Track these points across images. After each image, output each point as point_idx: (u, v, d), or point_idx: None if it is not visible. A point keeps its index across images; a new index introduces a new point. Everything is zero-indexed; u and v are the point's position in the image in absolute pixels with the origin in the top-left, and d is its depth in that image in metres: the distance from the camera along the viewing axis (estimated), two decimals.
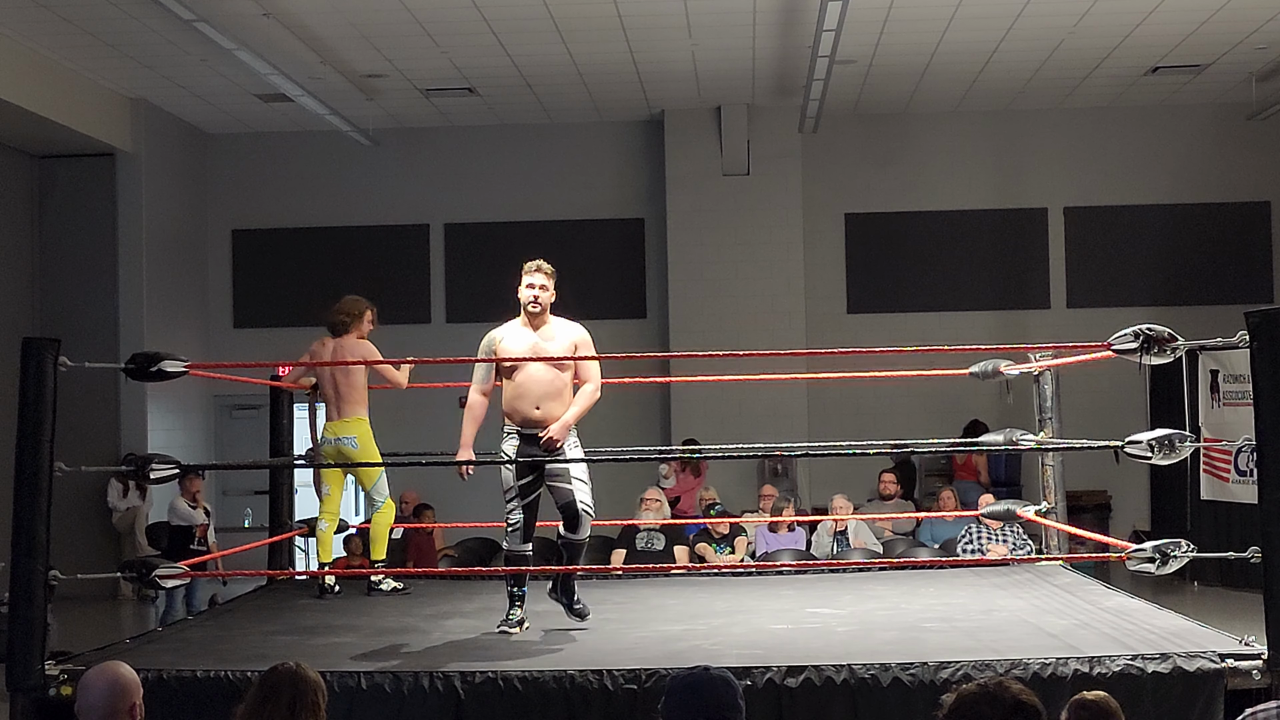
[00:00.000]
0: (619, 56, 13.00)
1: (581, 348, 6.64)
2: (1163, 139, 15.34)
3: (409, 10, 11.45)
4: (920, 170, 15.47)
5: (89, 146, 13.90)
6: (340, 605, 7.62)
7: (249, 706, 3.75)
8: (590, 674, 5.39)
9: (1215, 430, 12.06)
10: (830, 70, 12.20)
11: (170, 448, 12.11)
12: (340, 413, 8.02)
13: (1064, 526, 8.38)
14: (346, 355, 7.97)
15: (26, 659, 5.60)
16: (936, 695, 4.35)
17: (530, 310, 6.65)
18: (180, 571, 6.62)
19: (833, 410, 14.67)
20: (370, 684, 5.41)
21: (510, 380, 6.59)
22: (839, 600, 7.35)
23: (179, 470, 6.81)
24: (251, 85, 13.52)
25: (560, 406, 6.54)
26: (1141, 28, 12.31)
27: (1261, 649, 5.43)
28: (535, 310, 6.64)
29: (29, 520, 5.72)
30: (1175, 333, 6.09)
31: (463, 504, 13.35)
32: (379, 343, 8.47)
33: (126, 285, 14.22)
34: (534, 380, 6.54)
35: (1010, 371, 8.25)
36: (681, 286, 14.98)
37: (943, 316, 15.18)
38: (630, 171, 15.64)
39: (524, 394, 6.54)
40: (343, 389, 8.04)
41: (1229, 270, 15.08)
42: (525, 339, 6.63)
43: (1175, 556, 5.94)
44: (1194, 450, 8.54)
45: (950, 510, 10.90)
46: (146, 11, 11.19)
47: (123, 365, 6.61)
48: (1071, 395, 9.85)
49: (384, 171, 15.69)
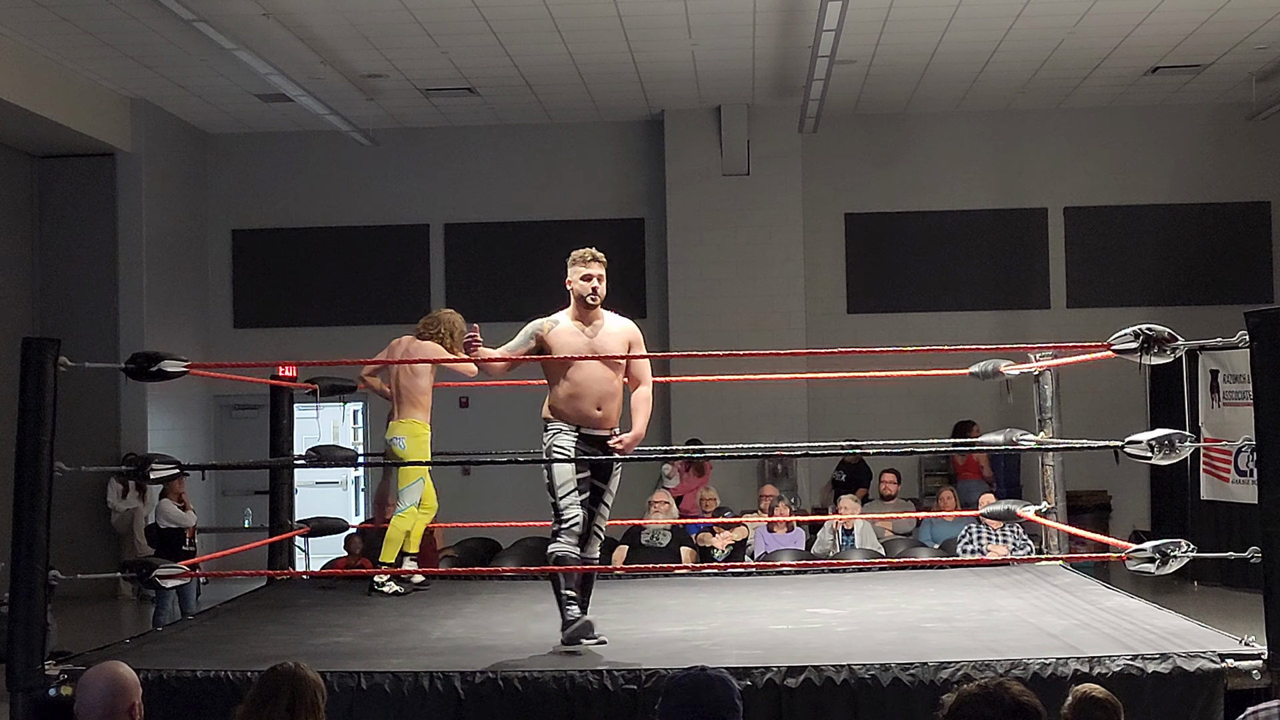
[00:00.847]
0: (619, 56, 13.00)
1: (635, 346, 6.42)
2: (1163, 139, 15.34)
3: (409, 10, 11.44)
4: (920, 170, 15.47)
5: (89, 146, 13.90)
6: (340, 605, 7.62)
7: (249, 706, 3.75)
8: (590, 674, 5.39)
9: (1215, 430, 12.06)
10: (830, 70, 12.20)
11: (170, 448, 12.12)
12: (398, 413, 8.08)
13: (1064, 526, 8.38)
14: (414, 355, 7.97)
15: (26, 659, 5.60)
16: (936, 695, 4.36)
17: (589, 303, 6.31)
18: (180, 571, 6.63)
19: (833, 410, 14.67)
20: (370, 684, 5.41)
21: (566, 379, 6.26)
22: (839, 600, 7.36)
23: (179, 470, 6.82)
24: (251, 85, 13.52)
25: (616, 406, 6.30)
26: (1141, 28, 12.31)
27: (1261, 649, 5.43)
28: (593, 303, 6.31)
29: (29, 520, 5.72)
30: (1175, 333, 6.09)
31: (463, 504, 13.37)
32: (379, 341, 8.48)
33: (126, 285, 14.22)
34: (593, 380, 6.24)
35: (1010, 371, 8.25)
36: (681, 286, 14.99)
37: (943, 316, 15.18)
38: (630, 171, 15.64)
39: (584, 394, 6.24)
40: (403, 390, 8.08)
41: (1229, 270, 15.08)
42: (581, 336, 6.31)
43: (1175, 556, 5.94)
44: (1194, 450, 8.53)
45: (950, 510, 10.91)
46: (146, 11, 11.19)
47: (123, 365, 6.62)
48: (1071, 395, 9.85)
49: (384, 171, 15.69)
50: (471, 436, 13.83)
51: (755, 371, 11.58)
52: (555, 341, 6.30)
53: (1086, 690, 3.78)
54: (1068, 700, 3.76)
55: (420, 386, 8.06)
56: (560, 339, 6.31)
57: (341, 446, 11.72)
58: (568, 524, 6.17)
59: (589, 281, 6.30)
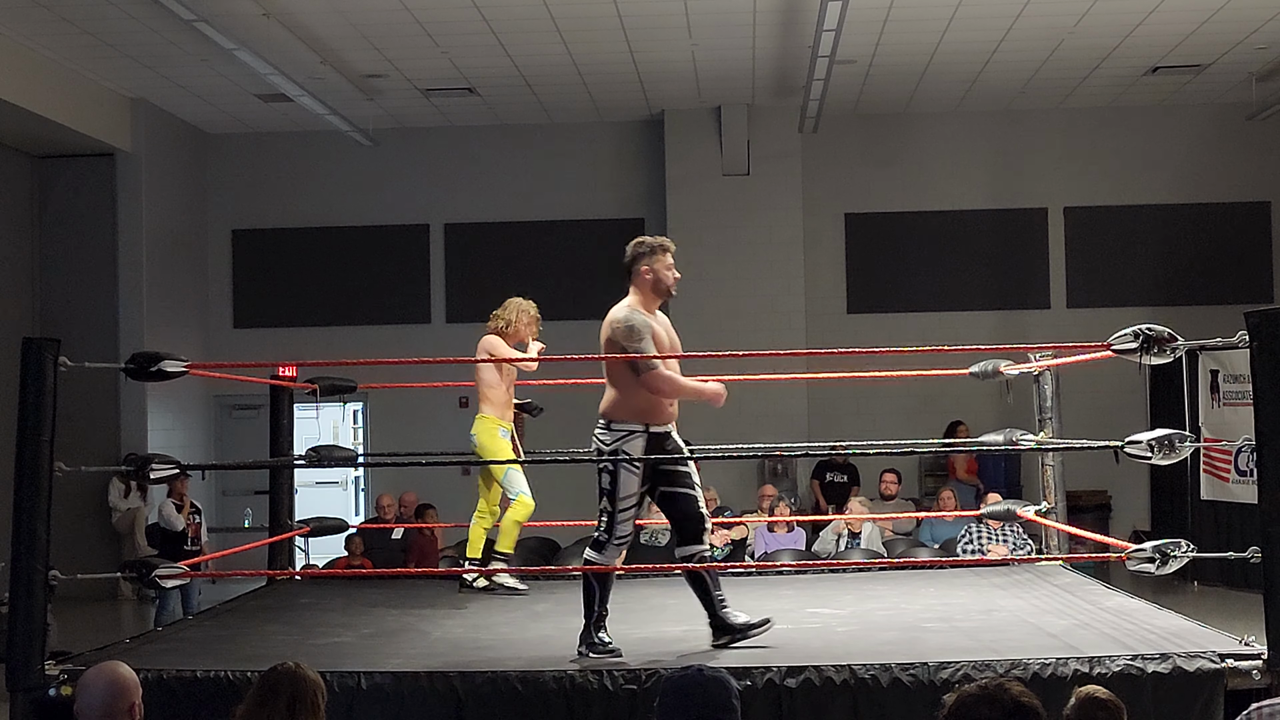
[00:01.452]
0: (619, 56, 13.00)
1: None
2: (1163, 139, 15.34)
3: (409, 10, 11.45)
4: (920, 170, 15.47)
5: (89, 146, 13.90)
6: (340, 605, 7.62)
7: (248, 706, 3.75)
8: (590, 674, 5.39)
9: (1215, 430, 12.06)
10: (830, 70, 12.20)
11: (170, 448, 12.13)
12: (478, 409, 8.00)
13: (1064, 526, 8.38)
14: (479, 353, 7.91)
15: (26, 659, 5.60)
16: (936, 695, 4.35)
17: (671, 294, 6.12)
18: (180, 571, 6.62)
19: (833, 410, 14.67)
20: (370, 684, 5.41)
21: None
22: (839, 600, 7.35)
23: (179, 470, 6.81)
24: (251, 85, 13.52)
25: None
26: (1141, 28, 12.31)
27: (1261, 649, 5.43)
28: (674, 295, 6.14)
29: (29, 520, 5.72)
30: (1175, 333, 6.08)
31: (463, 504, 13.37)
32: (379, 341, 8.46)
33: (126, 285, 14.23)
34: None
35: (1010, 371, 8.25)
36: (681, 286, 14.92)
37: (943, 316, 15.18)
38: (630, 171, 15.64)
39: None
40: (477, 386, 8.02)
41: (1229, 270, 15.08)
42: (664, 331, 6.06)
43: (1175, 556, 5.93)
44: (1194, 450, 8.54)
45: (950, 510, 10.91)
46: (146, 11, 11.19)
47: (123, 365, 6.61)
48: (1071, 395, 9.85)
49: (384, 171, 15.70)
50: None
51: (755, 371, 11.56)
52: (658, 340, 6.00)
53: (1089, 691, 3.77)
54: (1070, 702, 3.75)
55: (485, 380, 7.94)
56: (659, 335, 6.03)
57: (341, 446, 11.74)
58: (621, 540, 5.94)
59: (673, 273, 6.13)
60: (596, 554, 5.96)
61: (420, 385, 12.16)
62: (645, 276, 6.09)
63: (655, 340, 5.98)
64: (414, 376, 12.20)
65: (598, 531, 5.99)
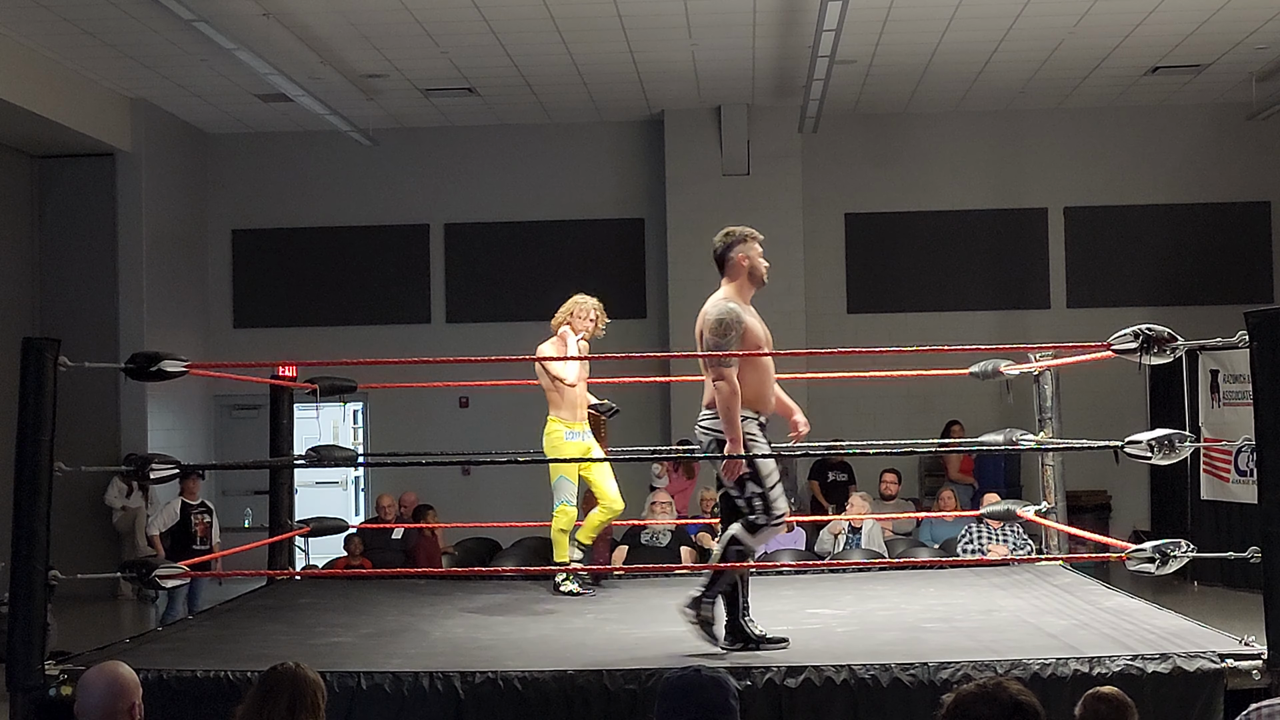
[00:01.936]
0: (619, 56, 13.00)
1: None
2: (1163, 139, 15.34)
3: (409, 10, 11.45)
4: (920, 170, 15.47)
5: (89, 146, 13.90)
6: (340, 605, 7.62)
7: (248, 706, 3.75)
8: (590, 674, 5.39)
9: (1215, 430, 12.06)
10: (830, 70, 12.20)
11: (170, 448, 12.13)
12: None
13: (1064, 526, 8.38)
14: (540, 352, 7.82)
15: (26, 659, 5.60)
16: (936, 695, 4.35)
17: (764, 284, 5.98)
18: (180, 571, 6.62)
19: (833, 410, 14.66)
20: (370, 684, 5.40)
21: (759, 361, 5.87)
22: (839, 600, 7.35)
23: (179, 470, 6.81)
24: (251, 85, 13.52)
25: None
26: (1141, 28, 12.31)
27: (1261, 649, 5.43)
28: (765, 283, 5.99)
29: (29, 520, 5.71)
30: (1175, 333, 6.08)
31: (463, 504, 13.38)
32: (379, 341, 8.45)
33: (126, 285, 14.23)
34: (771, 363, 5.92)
35: (1010, 371, 8.25)
36: (681, 286, 14.96)
37: (943, 316, 15.18)
38: (630, 171, 15.64)
39: (770, 378, 5.92)
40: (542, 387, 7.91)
41: (1229, 270, 15.08)
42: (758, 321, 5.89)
43: (1175, 556, 5.94)
44: (1194, 450, 8.54)
45: (950, 510, 10.91)
46: (146, 11, 11.19)
47: (123, 365, 6.61)
48: (1071, 395, 9.84)
49: (384, 171, 15.70)
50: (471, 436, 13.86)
51: None
52: (751, 332, 5.86)
53: (1098, 691, 3.78)
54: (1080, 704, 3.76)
55: (546, 384, 7.85)
56: (753, 327, 5.87)
57: (341, 446, 11.73)
58: (778, 519, 5.82)
59: (764, 261, 5.95)
60: (750, 535, 5.81)
61: (420, 385, 12.17)
62: (742, 264, 5.95)
63: (749, 334, 5.84)
64: (414, 376, 12.20)
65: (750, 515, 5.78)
